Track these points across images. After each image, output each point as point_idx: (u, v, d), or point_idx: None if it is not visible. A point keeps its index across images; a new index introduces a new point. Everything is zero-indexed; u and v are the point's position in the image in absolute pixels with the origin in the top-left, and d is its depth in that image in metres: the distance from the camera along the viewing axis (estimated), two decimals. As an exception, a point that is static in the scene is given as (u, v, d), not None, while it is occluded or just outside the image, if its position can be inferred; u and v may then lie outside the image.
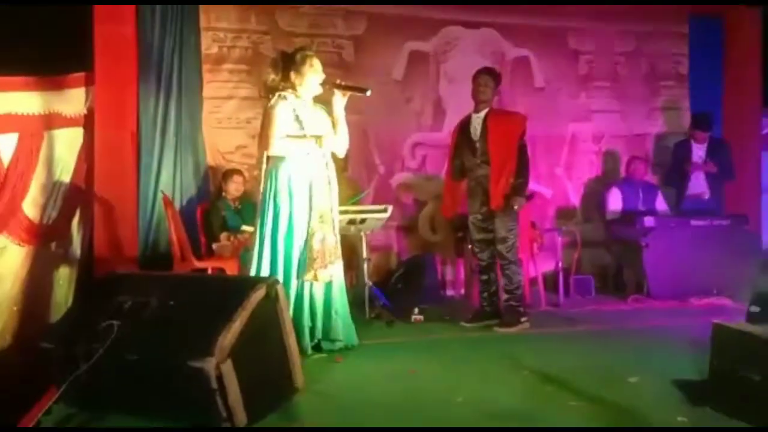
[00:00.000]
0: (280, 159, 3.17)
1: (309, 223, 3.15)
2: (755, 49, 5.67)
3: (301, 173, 3.17)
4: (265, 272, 3.12)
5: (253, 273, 3.15)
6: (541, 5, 5.48)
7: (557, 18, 5.65)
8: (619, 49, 5.84)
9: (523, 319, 3.84)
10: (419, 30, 5.35)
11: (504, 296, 3.90)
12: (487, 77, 3.96)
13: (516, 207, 3.85)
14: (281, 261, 3.14)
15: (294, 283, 3.17)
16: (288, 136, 3.14)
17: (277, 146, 3.11)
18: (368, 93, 3.25)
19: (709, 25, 5.95)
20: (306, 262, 3.13)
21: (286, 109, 3.17)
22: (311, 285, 3.19)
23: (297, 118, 3.19)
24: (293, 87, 3.23)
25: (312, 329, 3.20)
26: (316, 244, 3.14)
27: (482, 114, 3.93)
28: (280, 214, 3.14)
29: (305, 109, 3.24)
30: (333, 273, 3.22)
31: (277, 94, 3.20)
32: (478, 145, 3.93)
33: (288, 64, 3.24)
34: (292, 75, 3.22)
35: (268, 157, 3.20)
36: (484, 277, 4.03)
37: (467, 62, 5.42)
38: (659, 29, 5.91)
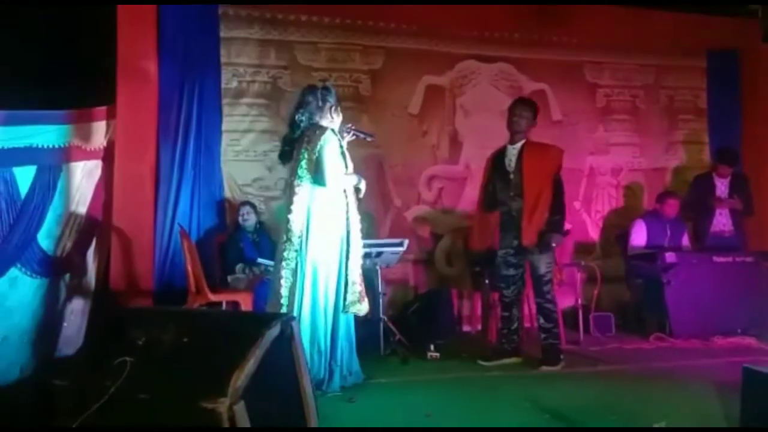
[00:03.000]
0: (318, 194, 3.19)
1: (349, 258, 3.19)
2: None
3: (338, 209, 3.22)
4: (305, 309, 3.12)
5: (292, 307, 3.14)
6: (556, 39, 5.51)
7: (574, 52, 5.68)
8: (638, 83, 5.84)
9: (561, 356, 3.78)
10: (436, 64, 5.40)
11: (542, 335, 3.82)
12: (523, 107, 3.89)
13: (554, 244, 3.77)
14: (321, 297, 3.15)
15: (330, 320, 3.18)
16: (342, 173, 3.22)
17: (333, 183, 3.15)
18: (371, 139, 3.50)
19: (727, 59, 5.94)
20: (351, 297, 3.18)
21: (336, 145, 3.23)
22: (339, 320, 3.20)
23: (343, 153, 3.27)
24: (328, 122, 3.30)
25: (341, 366, 3.21)
26: (358, 278, 3.21)
27: (518, 146, 3.86)
28: (318, 251, 3.15)
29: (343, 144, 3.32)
30: (368, 305, 3.30)
31: (329, 129, 3.24)
32: (512, 177, 3.83)
33: (329, 101, 3.31)
34: (333, 112, 3.30)
35: (307, 193, 3.20)
36: (506, 313, 3.93)
37: (483, 96, 5.49)
38: (677, 63, 5.92)
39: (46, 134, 3.42)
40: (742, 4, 5.65)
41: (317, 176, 3.14)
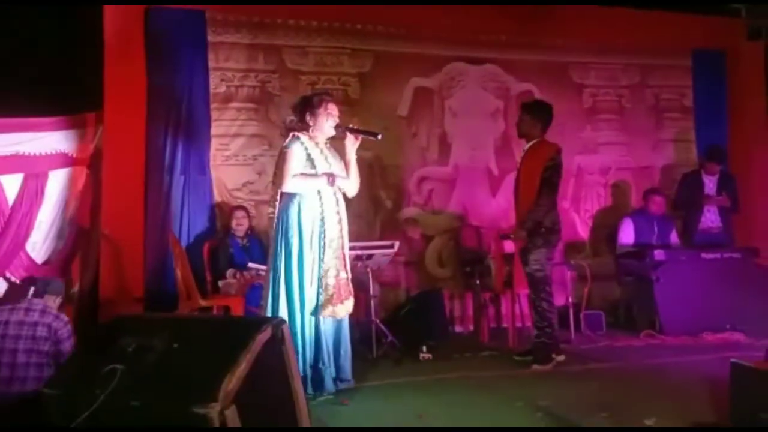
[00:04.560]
0: (291, 197, 3.24)
1: (322, 259, 3.20)
2: (758, 82, 5.70)
3: (311, 211, 3.22)
4: (282, 310, 3.14)
5: (268, 311, 3.17)
6: (543, 40, 5.55)
7: (560, 53, 5.71)
8: (624, 83, 5.89)
9: (554, 355, 3.78)
10: (424, 66, 5.41)
11: (534, 333, 3.84)
12: (521, 111, 4.00)
13: (512, 236, 3.87)
14: (297, 298, 3.17)
15: (309, 321, 3.17)
16: (300, 174, 3.21)
17: (290, 184, 3.19)
18: (379, 137, 3.34)
19: (713, 58, 6.00)
20: (323, 299, 3.17)
21: (299, 149, 3.26)
22: (324, 322, 3.21)
23: (309, 157, 3.27)
24: (307, 128, 3.32)
25: (326, 368, 3.20)
26: (331, 280, 3.19)
27: (526, 148, 3.96)
28: (292, 252, 3.18)
29: (317, 149, 3.32)
30: (349, 308, 3.26)
31: (291, 134, 3.30)
32: (517, 178, 3.98)
33: (305, 106, 3.34)
34: (308, 117, 3.32)
35: (281, 196, 3.28)
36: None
37: (471, 97, 5.51)
38: (663, 62, 5.97)
39: (33, 142, 3.40)
40: (726, 3, 5.75)
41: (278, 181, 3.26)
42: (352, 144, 3.36)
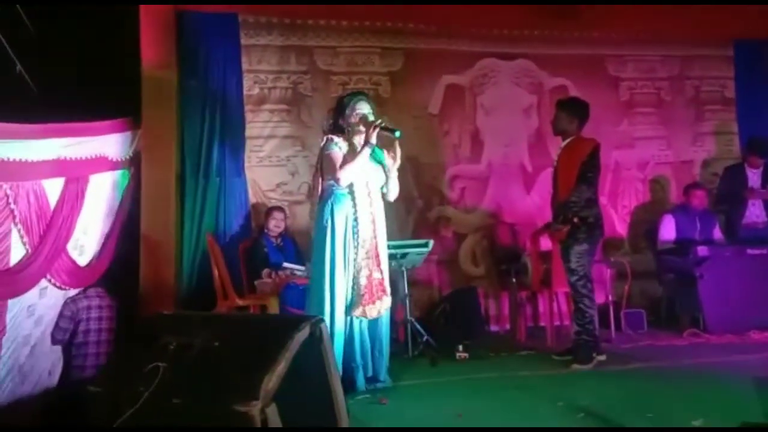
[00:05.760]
0: (326, 198, 3.27)
1: (355, 259, 3.20)
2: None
3: (343, 211, 3.23)
4: (318, 309, 3.15)
5: (308, 309, 3.23)
6: (577, 33, 5.45)
7: (595, 46, 5.61)
8: (662, 75, 5.75)
9: (594, 354, 3.71)
10: (455, 64, 5.37)
11: (575, 328, 3.77)
12: (557, 108, 3.98)
13: (550, 229, 3.88)
14: (328, 297, 3.17)
15: (344, 320, 3.18)
16: (346, 165, 3.22)
17: (343, 176, 3.19)
18: (397, 134, 3.30)
19: (755, 48, 5.82)
20: (354, 298, 3.16)
21: (334, 146, 3.28)
22: (360, 321, 3.21)
23: (346, 149, 3.30)
24: (342, 131, 3.34)
25: (364, 366, 3.23)
26: (362, 280, 3.19)
27: (563, 144, 3.94)
28: (325, 251, 3.20)
29: (351, 150, 3.31)
30: (381, 309, 3.23)
31: (325, 137, 3.33)
32: (554, 175, 3.95)
33: (337, 109, 3.39)
34: (340, 120, 3.34)
35: (320, 196, 3.32)
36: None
37: (504, 94, 5.45)
38: (703, 53, 5.82)
39: (74, 146, 3.47)
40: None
41: (329, 179, 3.25)
42: (387, 154, 3.37)
